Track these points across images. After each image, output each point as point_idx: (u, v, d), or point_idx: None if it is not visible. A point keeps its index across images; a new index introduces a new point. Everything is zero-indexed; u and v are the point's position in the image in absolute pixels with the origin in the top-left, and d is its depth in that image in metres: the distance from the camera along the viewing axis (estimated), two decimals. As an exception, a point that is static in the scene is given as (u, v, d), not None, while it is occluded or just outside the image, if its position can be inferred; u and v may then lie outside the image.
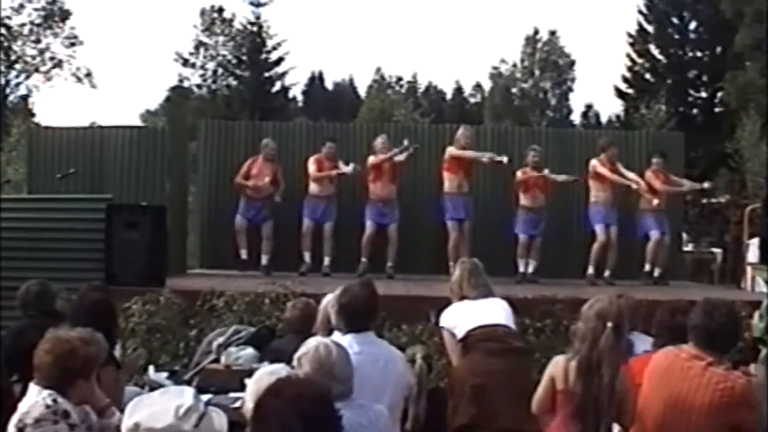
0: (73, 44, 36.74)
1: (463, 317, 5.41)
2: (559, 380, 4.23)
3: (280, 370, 3.47)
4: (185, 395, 3.00)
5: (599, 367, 4.09)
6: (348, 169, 10.61)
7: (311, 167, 10.72)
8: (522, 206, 10.77)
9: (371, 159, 10.63)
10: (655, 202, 10.60)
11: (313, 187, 10.77)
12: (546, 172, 10.69)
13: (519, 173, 10.72)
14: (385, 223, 10.63)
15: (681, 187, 11.12)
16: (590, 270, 10.63)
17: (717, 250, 16.22)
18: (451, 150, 10.50)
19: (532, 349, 4.61)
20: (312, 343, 3.62)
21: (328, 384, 3.42)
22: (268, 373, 3.38)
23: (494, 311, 5.41)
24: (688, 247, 15.27)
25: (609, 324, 4.13)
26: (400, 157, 10.56)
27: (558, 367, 4.27)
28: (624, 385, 4.17)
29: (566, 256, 10.85)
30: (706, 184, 11.55)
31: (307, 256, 10.71)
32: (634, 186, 10.60)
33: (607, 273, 10.57)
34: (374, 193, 10.66)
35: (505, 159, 10.31)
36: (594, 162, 10.74)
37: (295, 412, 2.39)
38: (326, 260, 10.63)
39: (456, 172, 10.47)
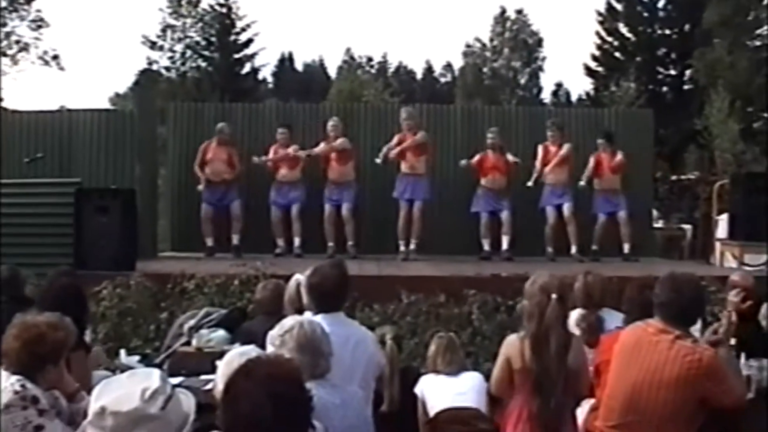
0: (39, 27, 36.17)
1: (434, 394, 5.37)
2: (515, 360, 4.22)
3: (250, 351, 3.44)
4: (152, 378, 2.96)
5: (547, 340, 4.11)
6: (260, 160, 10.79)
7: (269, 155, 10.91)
8: (482, 186, 10.86)
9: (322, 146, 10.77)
10: (512, 159, 10.72)
11: (279, 173, 10.85)
12: (509, 157, 10.75)
13: (477, 156, 10.80)
14: (338, 205, 10.68)
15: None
16: (549, 249, 10.77)
17: (687, 227, 16.25)
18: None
19: None
20: (291, 321, 3.61)
21: (313, 361, 3.42)
22: (238, 355, 3.35)
23: (464, 391, 5.35)
24: (659, 224, 15.35)
25: (553, 296, 4.15)
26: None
27: (513, 347, 4.25)
28: (577, 357, 4.20)
29: (538, 234, 10.86)
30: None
31: (280, 242, 10.77)
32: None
33: (573, 249, 10.66)
34: (328, 176, 10.79)
35: (379, 159, 10.42)
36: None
37: (265, 392, 2.38)
38: (296, 241, 10.68)
39: (404, 155, 10.51)
